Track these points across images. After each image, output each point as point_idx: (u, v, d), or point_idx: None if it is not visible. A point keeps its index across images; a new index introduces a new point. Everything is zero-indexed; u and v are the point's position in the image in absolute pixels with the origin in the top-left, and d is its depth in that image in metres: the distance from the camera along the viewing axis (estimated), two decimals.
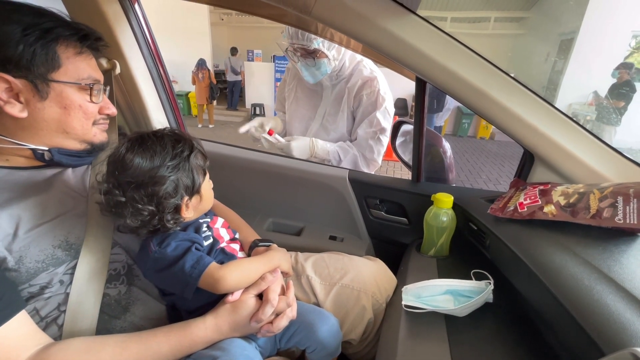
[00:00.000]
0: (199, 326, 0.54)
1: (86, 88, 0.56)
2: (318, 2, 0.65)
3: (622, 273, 0.42)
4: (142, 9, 0.98)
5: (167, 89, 1.10)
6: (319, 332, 0.64)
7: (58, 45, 0.53)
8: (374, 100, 1.20)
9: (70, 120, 0.56)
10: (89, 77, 0.57)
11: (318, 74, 1.21)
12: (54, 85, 0.53)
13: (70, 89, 0.55)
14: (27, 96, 0.52)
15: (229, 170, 1.11)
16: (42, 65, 0.51)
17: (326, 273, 0.80)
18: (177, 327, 0.54)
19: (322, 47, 1.13)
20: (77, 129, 0.57)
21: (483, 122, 7.03)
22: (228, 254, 0.64)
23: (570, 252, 0.49)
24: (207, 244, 0.62)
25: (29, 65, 0.50)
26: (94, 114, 0.59)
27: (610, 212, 0.51)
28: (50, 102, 0.53)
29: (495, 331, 0.55)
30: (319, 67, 1.18)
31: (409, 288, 0.62)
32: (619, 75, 5.13)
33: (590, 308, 0.38)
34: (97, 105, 0.60)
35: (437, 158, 1.00)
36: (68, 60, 0.54)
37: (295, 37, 1.14)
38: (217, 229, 0.67)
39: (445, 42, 0.67)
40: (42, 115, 0.53)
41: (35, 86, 0.51)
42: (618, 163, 0.67)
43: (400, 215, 0.97)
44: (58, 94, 0.54)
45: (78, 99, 0.56)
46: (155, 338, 0.52)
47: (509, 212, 0.64)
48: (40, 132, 0.55)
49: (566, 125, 0.68)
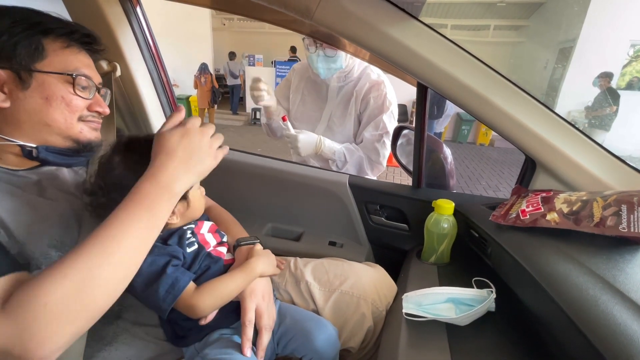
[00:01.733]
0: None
1: (69, 79, 0.54)
2: (320, 7, 0.65)
3: (628, 283, 0.42)
4: (143, 11, 0.98)
5: (168, 92, 1.10)
6: (315, 341, 0.63)
7: (45, 38, 0.53)
8: (381, 103, 1.20)
9: (52, 111, 0.53)
10: (76, 70, 0.55)
11: (332, 69, 1.18)
12: (37, 76, 0.52)
13: (53, 79, 0.53)
14: (11, 86, 0.51)
15: (228, 174, 1.10)
16: (26, 55, 0.51)
17: (325, 279, 0.79)
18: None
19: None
20: (59, 122, 0.54)
21: (483, 129, 7.05)
22: (214, 258, 0.63)
23: (574, 261, 0.48)
24: (192, 250, 0.60)
25: (12, 55, 0.50)
26: (79, 108, 0.56)
27: (614, 221, 0.50)
28: (32, 92, 0.52)
29: (498, 341, 0.54)
30: (335, 60, 1.15)
31: (409, 296, 0.61)
32: (600, 84, 5.20)
33: (597, 319, 0.37)
34: (85, 101, 0.57)
35: (438, 164, 1.00)
36: (54, 53, 0.54)
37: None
38: (203, 234, 0.65)
39: (448, 48, 0.67)
40: (24, 105, 0.52)
41: (18, 76, 0.51)
42: (621, 171, 0.66)
43: (401, 221, 0.96)
44: (40, 83, 0.52)
45: (60, 90, 0.54)
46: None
47: (511, 220, 0.64)
48: (23, 125, 0.53)
49: (568, 132, 0.68)
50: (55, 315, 0.38)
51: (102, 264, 0.41)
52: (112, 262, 0.41)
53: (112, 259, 0.41)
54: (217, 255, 0.64)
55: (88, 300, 0.40)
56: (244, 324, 0.58)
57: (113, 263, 0.42)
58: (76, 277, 0.39)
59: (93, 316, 0.41)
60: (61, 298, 0.38)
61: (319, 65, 1.17)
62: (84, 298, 0.40)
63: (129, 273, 0.45)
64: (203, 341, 0.60)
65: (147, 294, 0.53)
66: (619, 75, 6.32)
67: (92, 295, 0.40)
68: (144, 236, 0.45)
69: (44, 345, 0.37)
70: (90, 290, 0.40)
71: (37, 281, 0.39)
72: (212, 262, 0.62)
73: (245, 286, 0.60)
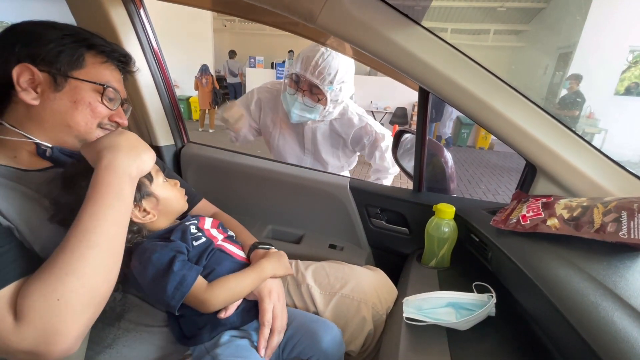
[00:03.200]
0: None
1: (100, 89, 0.59)
2: (323, 11, 0.66)
3: (628, 289, 0.42)
4: (147, 14, 0.99)
5: (170, 93, 1.10)
6: (322, 342, 0.64)
7: (88, 52, 0.59)
8: (374, 140, 1.28)
9: (77, 114, 0.58)
10: (107, 82, 0.60)
11: (305, 116, 1.17)
12: (71, 81, 0.57)
13: (85, 87, 0.58)
14: (44, 87, 0.55)
15: (229, 176, 1.10)
16: (67, 63, 0.56)
17: (326, 282, 0.79)
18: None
19: (329, 95, 1.10)
20: (80, 125, 0.58)
21: (482, 132, 7.06)
22: (225, 254, 0.64)
23: (574, 267, 0.48)
24: (199, 243, 0.62)
25: (54, 61, 0.55)
26: (101, 115, 0.61)
27: (615, 227, 0.50)
28: (63, 95, 0.56)
29: (498, 346, 0.54)
30: (312, 111, 1.15)
31: (410, 300, 0.61)
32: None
33: (597, 325, 0.38)
34: (109, 111, 0.62)
35: (439, 168, 1.00)
36: (92, 65, 0.59)
37: (309, 72, 1.08)
38: (208, 229, 0.67)
39: (450, 53, 0.68)
40: (52, 105, 0.56)
41: (54, 80, 0.55)
42: (621, 177, 0.67)
43: (401, 225, 0.96)
44: (72, 88, 0.57)
45: (89, 97, 0.59)
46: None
47: (512, 225, 0.64)
48: (45, 123, 0.56)
49: (569, 138, 0.69)
50: (69, 308, 0.41)
51: (91, 256, 0.44)
52: (100, 251, 0.45)
53: (99, 249, 0.45)
54: (229, 252, 0.65)
55: (92, 289, 0.43)
56: (263, 324, 0.60)
57: (102, 252, 0.45)
58: (76, 270, 0.42)
59: (100, 302, 0.45)
60: (70, 291, 0.41)
61: (292, 110, 1.15)
62: (88, 287, 0.43)
63: (117, 258, 0.48)
64: (213, 341, 0.60)
65: (156, 291, 0.54)
66: (618, 80, 6.36)
67: (94, 283, 0.44)
68: (119, 221, 0.49)
69: (66, 338, 0.41)
70: (92, 279, 0.43)
71: (41, 281, 0.41)
72: (225, 257, 0.63)
73: (256, 285, 0.62)
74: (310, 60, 1.07)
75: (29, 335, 0.39)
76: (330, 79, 1.08)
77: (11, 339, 0.39)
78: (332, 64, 1.06)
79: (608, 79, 6.30)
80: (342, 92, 1.13)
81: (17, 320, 0.40)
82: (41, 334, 0.40)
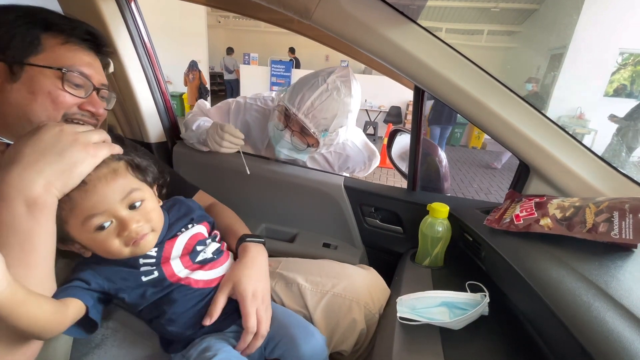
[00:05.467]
0: None
1: (60, 75, 0.52)
2: (319, 7, 0.65)
3: (620, 289, 0.42)
4: (138, 8, 0.97)
5: (161, 89, 1.08)
6: (301, 348, 0.61)
7: (45, 33, 0.52)
8: (367, 167, 1.22)
9: (36, 107, 0.51)
10: (71, 66, 0.53)
11: (292, 156, 1.05)
12: (28, 69, 0.50)
13: (43, 74, 0.51)
14: (1, 78, 0.50)
15: (222, 173, 1.09)
16: (21, 48, 0.50)
17: (317, 281, 0.78)
18: None
19: (323, 140, 0.95)
20: (41, 118, 0.51)
21: (475, 132, 7.13)
22: (185, 289, 0.57)
23: (567, 267, 0.49)
24: (149, 279, 0.55)
25: (6, 48, 0.49)
26: (65, 105, 0.53)
27: (606, 227, 0.51)
28: (20, 85, 0.50)
29: (491, 345, 0.54)
30: (300, 152, 1.02)
31: (403, 299, 0.61)
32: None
33: (590, 325, 0.38)
34: (76, 98, 0.54)
35: (433, 167, 1.01)
36: (51, 48, 0.52)
37: (302, 112, 0.91)
38: (168, 263, 0.57)
39: (445, 52, 0.68)
40: (9, 98, 0.50)
41: (10, 69, 0.49)
42: (612, 178, 0.67)
43: (395, 224, 0.96)
44: (30, 77, 0.50)
45: (48, 85, 0.51)
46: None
47: (505, 224, 0.64)
48: (7, 118, 0.51)
49: (562, 138, 0.69)
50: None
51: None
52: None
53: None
54: (193, 284, 0.58)
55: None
56: (247, 329, 0.56)
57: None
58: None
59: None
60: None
61: (278, 148, 1.02)
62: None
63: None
64: (189, 347, 0.58)
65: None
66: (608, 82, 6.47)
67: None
68: (32, 263, 0.39)
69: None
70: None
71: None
72: (183, 295, 0.57)
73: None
74: (305, 100, 0.90)
75: None
76: (325, 125, 0.92)
77: None
78: (331, 107, 0.90)
79: (598, 80, 6.41)
80: (339, 136, 0.98)
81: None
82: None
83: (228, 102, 1.18)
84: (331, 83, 0.91)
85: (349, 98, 0.93)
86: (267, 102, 1.16)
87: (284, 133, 0.98)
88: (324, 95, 0.90)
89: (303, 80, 0.95)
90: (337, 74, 0.93)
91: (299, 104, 0.91)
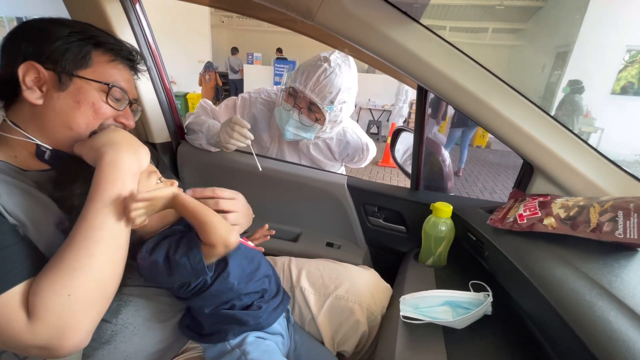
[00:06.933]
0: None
1: (105, 89, 0.58)
2: (321, 8, 0.65)
3: (623, 289, 0.42)
4: (143, 9, 0.97)
5: (166, 89, 1.09)
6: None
7: (95, 50, 0.58)
8: (365, 156, 1.25)
9: (78, 115, 0.56)
10: (114, 82, 0.59)
11: (300, 135, 1.09)
12: (76, 81, 0.55)
13: (90, 87, 0.57)
14: (49, 86, 0.54)
15: (225, 173, 1.10)
16: (72, 62, 0.55)
17: (320, 283, 0.79)
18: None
19: (329, 115, 1.02)
20: (81, 127, 0.57)
21: (480, 131, 7.07)
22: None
23: (570, 266, 0.48)
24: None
25: (60, 59, 0.54)
26: (105, 116, 0.59)
27: (611, 227, 0.50)
28: (67, 94, 0.55)
29: (494, 344, 0.55)
30: (307, 130, 1.07)
31: (406, 298, 0.61)
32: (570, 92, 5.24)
33: (593, 324, 0.38)
34: (114, 111, 0.60)
35: (436, 166, 1.00)
36: (99, 64, 0.58)
37: (309, 88, 0.99)
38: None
39: (448, 51, 0.67)
40: (54, 104, 0.54)
41: (59, 78, 0.54)
42: (617, 177, 0.67)
43: (399, 223, 0.96)
44: (77, 88, 0.56)
45: (93, 96, 0.57)
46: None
47: (509, 224, 0.64)
48: (47, 123, 0.55)
49: (566, 137, 0.69)
50: (79, 304, 0.43)
51: (98, 251, 0.45)
52: (107, 247, 0.46)
53: (105, 245, 0.46)
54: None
55: (100, 284, 0.45)
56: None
57: (108, 247, 0.46)
58: (84, 266, 0.44)
59: (109, 296, 0.47)
60: (79, 287, 0.43)
61: (287, 127, 1.07)
62: (97, 282, 0.44)
63: (123, 253, 0.49)
64: (238, 340, 0.60)
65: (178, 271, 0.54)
66: (615, 80, 6.39)
67: (102, 278, 0.45)
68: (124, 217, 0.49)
69: (78, 333, 0.42)
70: (99, 274, 0.45)
71: (50, 278, 0.42)
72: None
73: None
74: (311, 76, 0.98)
75: (42, 331, 0.40)
76: (331, 99, 0.99)
77: (25, 335, 0.40)
78: (335, 82, 0.98)
79: (605, 78, 6.33)
80: (342, 112, 1.05)
81: (30, 317, 0.41)
82: (54, 329, 0.41)
83: (233, 98, 1.22)
84: (333, 61, 1.00)
85: (349, 74, 1.02)
86: (270, 95, 1.21)
87: (292, 112, 1.04)
88: (327, 71, 0.98)
89: (306, 63, 1.04)
90: (337, 54, 1.03)
91: (305, 82, 0.99)
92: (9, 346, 0.43)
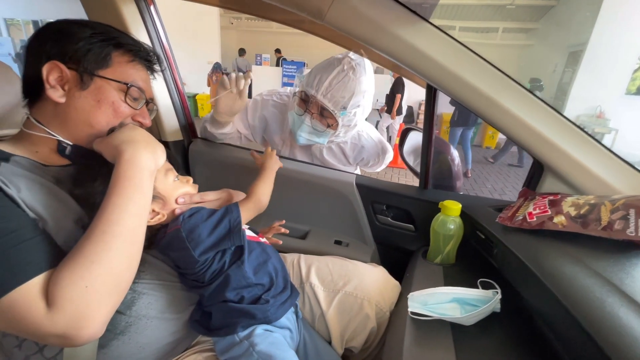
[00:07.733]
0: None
1: (124, 88, 0.60)
2: (332, 8, 0.66)
3: (635, 286, 0.42)
4: (157, 10, 1.00)
5: (179, 89, 1.11)
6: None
7: (115, 50, 0.60)
8: (381, 160, 1.22)
9: (99, 114, 0.58)
10: (133, 82, 0.61)
11: (312, 140, 1.06)
12: (97, 80, 0.58)
13: (109, 86, 0.59)
14: (71, 85, 0.56)
15: (236, 171, 1.11)
16: (94, 62, 0.57)
17: (329, 279, 0.80)
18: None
19: (341, 120, 0.99)
20: (102, 124, 0.59)
21: (489, 131, 6.99)
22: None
23: (580, 264, 0.48)
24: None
25: (82, 59, 0.56)
26: (124, 115, 0.61)
27: (622, 225, 0.50)
28: (88, 93, 0.57)
29: (503, 341, 0.55)
30: (320, 135, 1.04)
31: (415, 295, 0.61)
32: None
33: (602, 321, 0.38)
34: (132, 110, 0.62)
35: (445, 165, 1.00)
36: (119, 65, 0.60)
37: (321, 93, 0.95)
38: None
39: (457, 50, 0.68)
40: (76, 103, 0.57)
41: (81, 78, 0.57)
42: (629, 175, 0.66)
43: (407, 221, 0.97)
44: (97, 87, 0.58)
45: (113, 96, 0.59)
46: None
47: (518, 222, 0.64)
48: (69, 121, 0.58)
49: (577, 136, 0.68)
50: (96, 294, 0.44)
51: (115, 245, 0.47)
52: (124, 241, 0.48)
53: (122, 238, 0.48)
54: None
55: (117, 276, 0.47)
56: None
57: (125, 241, 0.48)
58: (101, 258, 0.45)
59: (124, 288, 0.49)
60: (96, 278, 0.44)
61: (299, 132, 1.04)
62: (113, 274, 0.46)
63: (139, 247, 0.51)
64: (246, 333, 0.62)
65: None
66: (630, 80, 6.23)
67: (118, 270, 0.47)
68: (140, 213, 0.52)
69: (94, 322, 0.44)
70: (116, 266, 0.46)
71: (69, 269, 0.44)
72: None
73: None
74: (324, 80, 0.94)
75: (60, 320, 0.42)
76: (344, 104, 0.95)
77: (44, 324, 0.42)
78: (348, 86, 0.94)
79: (619, 77, 6.18)
80: (356, 116, 1.02)
81: (49, 306, 0.42)
82: (71, 319, 0.42)
83: (251, 102, 1.22)
84: (347, 64, 0.95)
85: (364, 77, 0.97)
86: (282, 97, 1.19)
87: (304, 117, 1.01)
88: (340, 75, 0.95)
89: (319, 66, 1.00)
90: (352, 56, 0.98)
91: (317, 86, 0.96)
92: (29, 334, 0.44)
